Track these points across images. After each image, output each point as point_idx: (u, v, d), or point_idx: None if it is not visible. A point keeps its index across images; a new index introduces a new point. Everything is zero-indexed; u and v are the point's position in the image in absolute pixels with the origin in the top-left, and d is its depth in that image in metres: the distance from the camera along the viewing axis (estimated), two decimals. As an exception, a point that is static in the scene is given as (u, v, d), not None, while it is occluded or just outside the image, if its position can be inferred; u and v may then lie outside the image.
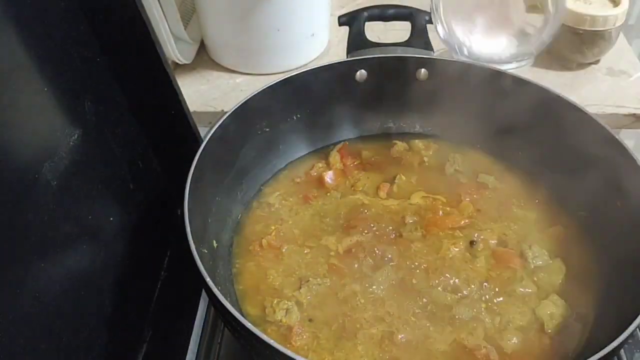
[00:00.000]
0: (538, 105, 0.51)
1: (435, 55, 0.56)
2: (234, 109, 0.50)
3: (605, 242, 0.47)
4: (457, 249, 0.48)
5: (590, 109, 0.48)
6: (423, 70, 0.55)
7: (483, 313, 0.44)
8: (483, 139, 0.56)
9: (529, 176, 0.54)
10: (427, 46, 0.56)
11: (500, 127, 0.54)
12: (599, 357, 0.34)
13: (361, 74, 0.55)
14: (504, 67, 0.59)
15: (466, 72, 0.54)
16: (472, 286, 0.46)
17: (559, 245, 0.49)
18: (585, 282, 0.46)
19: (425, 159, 0.57)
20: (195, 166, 0.45)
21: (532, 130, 0.52)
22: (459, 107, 0.55)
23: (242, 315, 0.39)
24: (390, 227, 0.50)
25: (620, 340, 0.35)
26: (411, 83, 0.55)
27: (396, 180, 0.54)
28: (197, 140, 0.52)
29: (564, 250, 0.49)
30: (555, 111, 0.50)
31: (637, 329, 0.36)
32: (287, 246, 0.50)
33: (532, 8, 0.55)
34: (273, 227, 0.51)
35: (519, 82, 0.52)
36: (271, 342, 0.34)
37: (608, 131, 0.47)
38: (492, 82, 0.52)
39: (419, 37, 0.57)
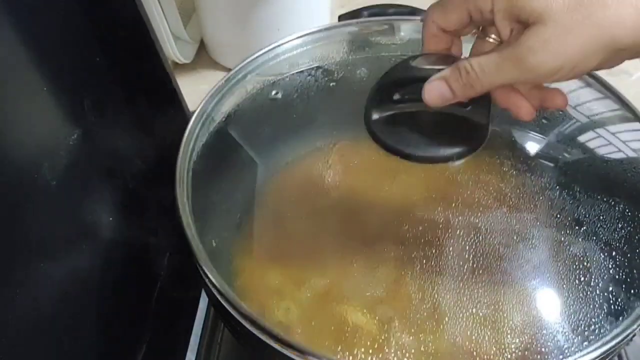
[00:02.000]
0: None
1: (435, 54, 0.56)
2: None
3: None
4: (457, 249, 0.48)
5: (591, 109, 0.48)
6: (423, 69, 0.54)
7: (483, 313, 0.44)
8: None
9: (529, 175, 0.54)
10: (428, 45, 0.56)
11: (500, 127, 0.54)
12: (600, 357, 0.34)
13: (361, 72, 0.55)
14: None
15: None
16: (472, 280, 0.46)
17: (561, 234, 0.49)
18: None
19: (426, 158, 0.57)
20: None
21: (533, 130, 0.52)
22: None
23: (242, 315, 0.39)
24: (391, 227, 0.50)
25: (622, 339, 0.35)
26: (411, 82, 0.55)
27: (396, 180, 0.54)
28: (197, 140, 0.52)
29: (565, 239, 0.49)
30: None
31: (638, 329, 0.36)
32: (287, 246, 0.50)
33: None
34: (273, 227, 0.51)
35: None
36: (271, 342, 0.34)
37: (609, 131, 0.47)
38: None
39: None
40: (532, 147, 0.49)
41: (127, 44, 0.44)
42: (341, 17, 0.60)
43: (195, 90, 0.72)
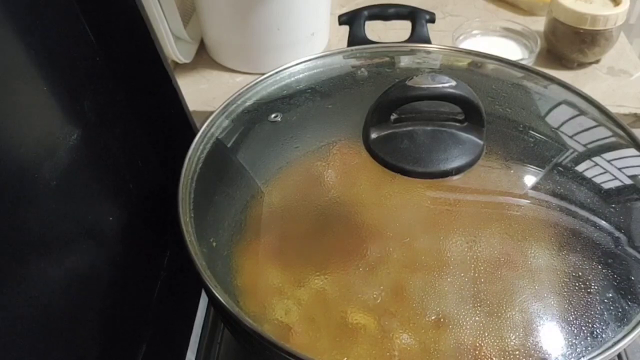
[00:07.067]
0: (539, 101, 0.51)
1: (435, 54, 0.56)
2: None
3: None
4: (459, 252, 0.48)
5: (591, 109, 0.48)
6: (423, 69, 0.55)
7: (484, 318, 0.44)
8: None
9: (529, 172, 0.54)
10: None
11: (500, 124, 0.54)
12: (601, 357, 0.34)
13: (361, 72, 0.55)
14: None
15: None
16: (473, 286, 0.46)
17: (559, 244, 0.49)
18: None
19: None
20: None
21: (533, 128, 0.52)
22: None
23: (242, 314, 0.39)
24: (392, 227, 0.50)
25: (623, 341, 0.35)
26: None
27: (397, 180, 0.54)
28: (197, 140, 0.52)
29: (563, 248, 0.49)
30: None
31: (639, 329, 0.36)
32: (287, 245, 0.49)
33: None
34: (273, 227, 0.51)
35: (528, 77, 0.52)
36: (271, 341, 0.34)
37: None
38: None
39: (419, 36, 0.57)
40: (527, 156, 0.49)
41: (127, 44, 0.44)
42: (341, 17, 0.60)
43: (195, 90, 0.72)
